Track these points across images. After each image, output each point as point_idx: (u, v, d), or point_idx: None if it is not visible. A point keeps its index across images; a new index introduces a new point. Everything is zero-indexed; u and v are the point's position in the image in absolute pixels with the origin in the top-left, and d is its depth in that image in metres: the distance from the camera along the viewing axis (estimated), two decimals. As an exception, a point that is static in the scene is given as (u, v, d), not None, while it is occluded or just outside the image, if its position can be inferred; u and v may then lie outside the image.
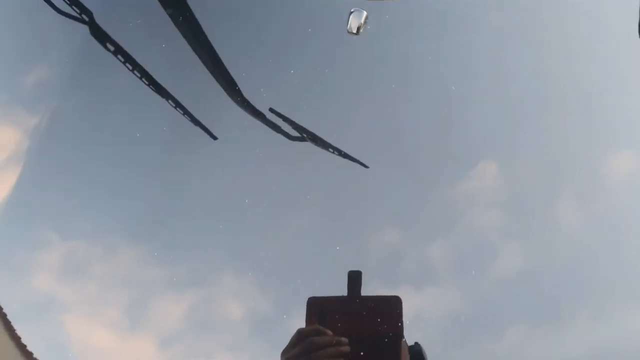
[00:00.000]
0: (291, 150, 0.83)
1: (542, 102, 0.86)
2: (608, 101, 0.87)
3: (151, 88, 0.83)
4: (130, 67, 0.84)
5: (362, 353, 0.71)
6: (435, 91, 0.86)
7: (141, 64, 0.84)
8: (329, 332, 0.72)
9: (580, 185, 0.83)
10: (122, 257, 0.80)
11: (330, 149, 0.81)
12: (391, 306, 0.72)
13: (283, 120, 0.82)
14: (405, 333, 0.72)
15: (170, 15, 0.85)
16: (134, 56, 0.84)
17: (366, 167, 0.80)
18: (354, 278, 0.74)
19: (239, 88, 0.83)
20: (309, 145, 0.82)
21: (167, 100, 0.83)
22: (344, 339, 0.71)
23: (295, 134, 0.82)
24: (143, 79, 0.84)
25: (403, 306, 0.72)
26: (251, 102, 0.83)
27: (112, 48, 0.85)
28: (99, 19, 0.85)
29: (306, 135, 0.82)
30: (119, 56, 0.84)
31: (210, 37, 0.84)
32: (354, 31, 0.84)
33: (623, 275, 0.78)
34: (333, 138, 0.81)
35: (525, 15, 0.90)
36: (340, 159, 0.81)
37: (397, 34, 0.87)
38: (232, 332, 0.76)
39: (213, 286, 0.78)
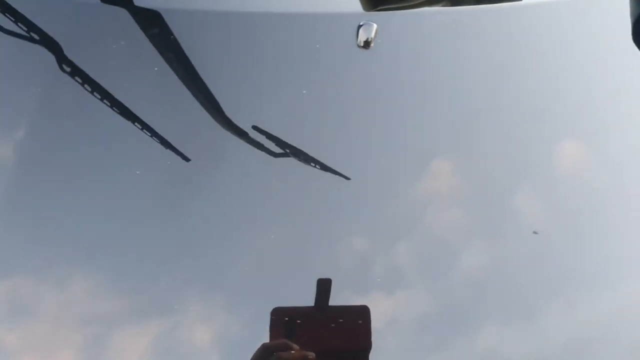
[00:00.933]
0: (251, 167, 0.81)
1: (490, 98, 0.88)
2: (551, 91, 0.89)
3: (114, 110, 0.81)
4: (90, 89, 0.82)
5: None
6: (386, 94, 0.87)
7: (110, 85, 0.82)
8: (296, 346, 0.68)
9: (535, 177, 0.83)
10: (75, 291, 0.75)
11: (312, 163, 0.80)
12: (359, 317, 0.70)
13: (267, 137, 0.80)
14: (378, 341, 0.69)
15: (147, 35, 0.85)
16: (100, 79, 0.82)
17: (347, 178, 0.79)
18: (323, 287, 0.71)
19: (220, 107, 0.82)
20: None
21: (132, 122, 0.81)
22: (312, 354, 0.67)
23: (278, 150, 0.80)
24: (105, 101, 0.81)
25: (373, 315, 0.70)
26: (234, 121, 0.82)
27: (67, 69, 0.83)
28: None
29: (289, 151, 0.80)
30: (77, 77, 0.83)
31: (188, 54, 0.84)
32: (364, 45, 0.85)
33: (588, 262, 0.79)
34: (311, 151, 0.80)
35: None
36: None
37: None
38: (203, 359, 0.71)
39: (178, 313, 0.73)
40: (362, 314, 0.70)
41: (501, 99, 0.88)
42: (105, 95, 0.81)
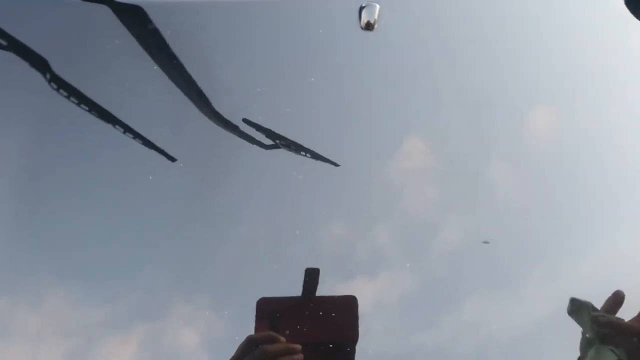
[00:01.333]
0: (227, 160, 0.80)
1: (454, 68, 0.87)
2: (517, 58, 0.89)
3: (93, 114, 0.79)
4: (66, 94, 0.80)
5: (318, 357, 0.66)
6: (351, 75, 0.87)
7: (92, 87, 0.80)
8: (282, 338, 0.66)
9: (506, 147, 0.84)
10: (52, 303, 0.72)
11: (302, 152, 0.79)
12: (347, 307, 0.68)
13: (257, 129, 0.80)
14: (365, 325, 0.69)
15: (130, 30, 0.82)
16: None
17: (337, 165, 0.78)
18: (311, 276, 0.69)
19: (209, 100, 0.81)
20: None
21: (113, 125, 0.79)
22: (298, 346, 0.66)
23: (269, 142, 0.80)
24: (82, 106, 0.79)
25: (359, 300, 0.69)
26: (223, 114, 0.80)
27: (47, 75, 0.82)
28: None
29: (279, 142, 0.80)
30: (52, 84, 0.81)
31: (173, 47, 0.82)
32: (366, 27, 0.84)
33: (564, 227, 0.80)
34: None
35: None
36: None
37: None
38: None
39: (162, 317, 0.71)
40: (349, 304, 0.69)
41: (467, 71, 0.88)
42: (82, 100, 0.80)
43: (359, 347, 0.70)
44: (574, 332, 0.74)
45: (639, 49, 0.94)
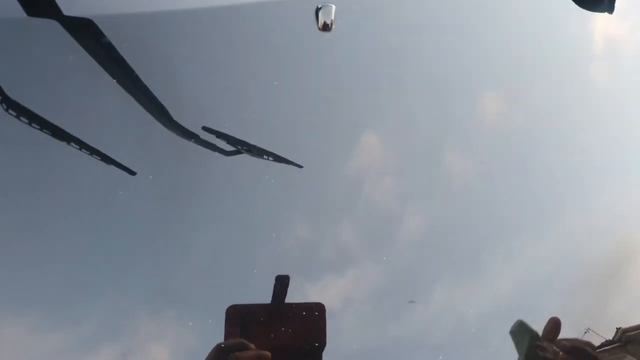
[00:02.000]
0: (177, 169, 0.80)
1: (400, 58, 0.88)
2: (467, 45, 0.90)
3: (45, 132, 0.76)
4: (15, 114, 0.76)
5: None
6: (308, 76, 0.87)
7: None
8: (252, 345, 0.66)
9: (458, 134, 0.86)
10: (10, 332, 0.68)
11: (265, 156, 0.78)
12: (315, 314, 0.69)
13: (217, 137, 0.78)
14: (338, 324, 0.70)
15: (81, 44, 0.81)
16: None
17: (300, 167, 0.78)
18: (281, 283, 0.69)
19: (166, 110, 0.78)
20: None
21: (67, 143, 0.77)
22: (268, 353, 0.66)
23: (230, 148, 0.79)
24: (33, 125, 0.76)
25: (328, 299, 0.69)
26: (181, 123, 0.78)
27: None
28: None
29: (241, 147, 0.79)
30: (2, 104, 0.76)
31: (126, 58, 0.80)
32: (323, 27, 0.83)
33: (520, 210, 0.83)
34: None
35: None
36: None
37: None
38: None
39: (128, 335, 0.69)
40: (317, 311, 0.69)
41: (418, 61, 0.89)
42: (33, 119, 0.76)
43: (333, 348, 0.70)
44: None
45: (584, 34, 0.97)
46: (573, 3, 0.96)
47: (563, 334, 0.77)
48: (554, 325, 0.75)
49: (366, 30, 0.91)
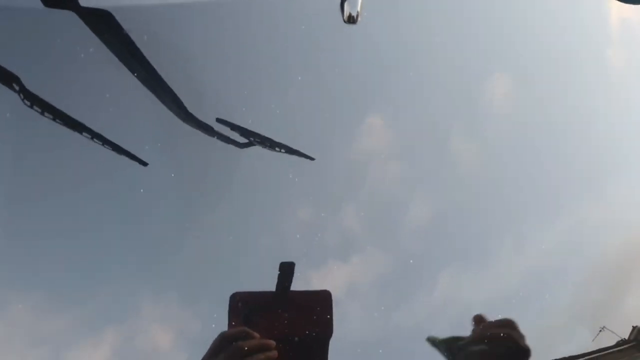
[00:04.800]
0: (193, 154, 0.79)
1: (411, 41, 0.87)
2: (474, 25, 0.89)
3: (57, 122, 0.77)
4: (29, 104, 0.77)
5: (291, 354, 0.65)
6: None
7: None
8: (256, 334, 0.65)
9: (467, 118, 0.84)
10: (15, 312, 0.68)
11: (277, 148, 0.78)
12: (321, 302, 0.68)
13: (231, 129, 0.78)
14: (342, 311, 0.69)
15: (98, 35, 0.81)
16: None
17: (312, 159, 0.77)
18: (286, 270, 0.68)
19: (181, 102, 0.78)
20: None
21: (80, 133, 0.77)
22: (272, 342, 0.65)
23: (243, 140, 0.78)
24: (45, 114, 0.77)
25: (332, 286, 0.68)
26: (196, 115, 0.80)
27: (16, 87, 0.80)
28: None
29: (254, 139, 0.78)
30: (21, 94, 0.80)
31: (143, 50, 0.80)
32: (349, 19, 0.82)
33: (531, 197, 0.81)
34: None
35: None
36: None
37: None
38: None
39: (132, 317, 0.69)
40: (323, 299, 0.68)
41: (427, 42, 0.88)
42: (45, 108, 0.77)
43: (339, 337, 0.69)
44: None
45: (593, 19, 0.95)
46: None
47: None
48: (477, 321, 0.73)
49: (384, 18, 0.90)
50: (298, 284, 0.71)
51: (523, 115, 0.85)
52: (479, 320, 0.74)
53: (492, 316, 0.75)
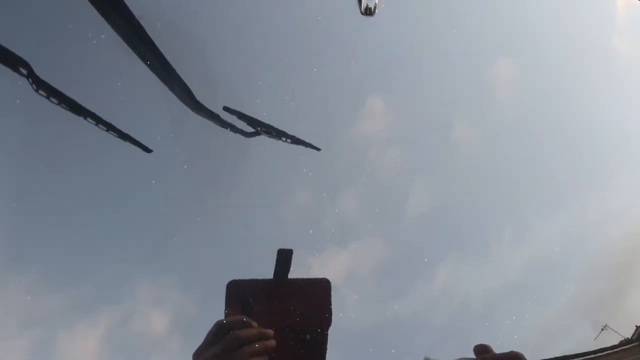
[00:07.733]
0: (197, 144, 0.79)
1: (415, 27, 0.87)
2: (479, 15, 0.89)
3: (63, 107, 0.79)
4: (45, 94, 0.80)
5: (291, 343, 0.63)
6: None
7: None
8: (254, 323, 0.59)
9: (470, 104, 0.84)
10: (10, 291, 0.65)
11: (283, 138, 0.80)
12: (320, 291, 0.64)
13: (238, 117, 0.80)
14: (340, 300, 0.68)
15: (110, 22, 0.83)
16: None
17: (318, 149, 0.78)
18: (284, 257, 0.63)
19: (190, 90, 0.81)
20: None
21: (85, 118, 0.79)
22: (270, 331, 0.59)
23: (250, 129, 0.80)
24: (51, 99, 0.79)
25: (331, 273, 0.66)
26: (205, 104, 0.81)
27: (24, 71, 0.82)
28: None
29: (260, 129, 0.81)
30: (30, 79, 0.80)
31: (154, 39, 0.81)
32: (366, 12, 0.84)
33: (533, 186, 0.81)
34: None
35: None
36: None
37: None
38: (163, 348, 0.64)
39: (128, 299, 0.66)
40: (322, 288, 0.64)
41: (431, 30, 0.88)
42: (54, 95, 0.79)
43: (338, 326, 0.69)
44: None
45: (599, 6, 0.94)
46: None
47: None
48: (480, 350, 0.72)
49: (394, 11, 0.90)
50: (299, 271, 0.71)
51: (527, 104, 0.85)
52: (481, 350, 0.74)
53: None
